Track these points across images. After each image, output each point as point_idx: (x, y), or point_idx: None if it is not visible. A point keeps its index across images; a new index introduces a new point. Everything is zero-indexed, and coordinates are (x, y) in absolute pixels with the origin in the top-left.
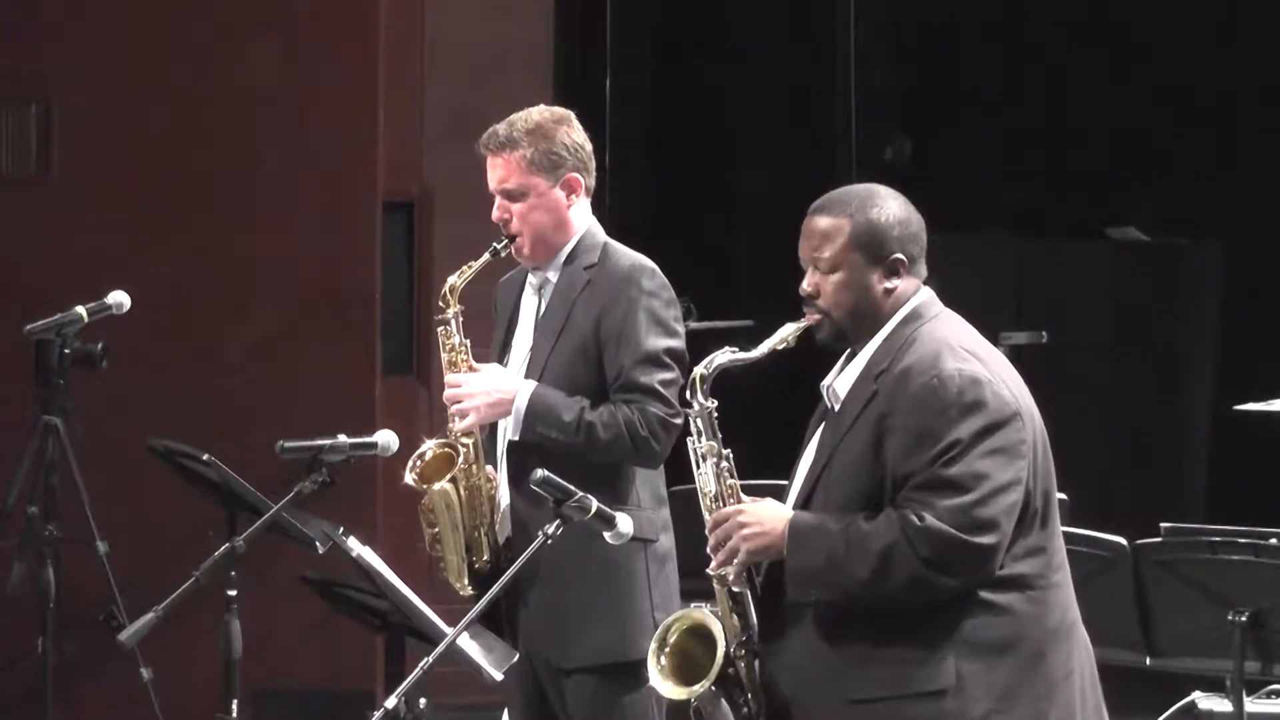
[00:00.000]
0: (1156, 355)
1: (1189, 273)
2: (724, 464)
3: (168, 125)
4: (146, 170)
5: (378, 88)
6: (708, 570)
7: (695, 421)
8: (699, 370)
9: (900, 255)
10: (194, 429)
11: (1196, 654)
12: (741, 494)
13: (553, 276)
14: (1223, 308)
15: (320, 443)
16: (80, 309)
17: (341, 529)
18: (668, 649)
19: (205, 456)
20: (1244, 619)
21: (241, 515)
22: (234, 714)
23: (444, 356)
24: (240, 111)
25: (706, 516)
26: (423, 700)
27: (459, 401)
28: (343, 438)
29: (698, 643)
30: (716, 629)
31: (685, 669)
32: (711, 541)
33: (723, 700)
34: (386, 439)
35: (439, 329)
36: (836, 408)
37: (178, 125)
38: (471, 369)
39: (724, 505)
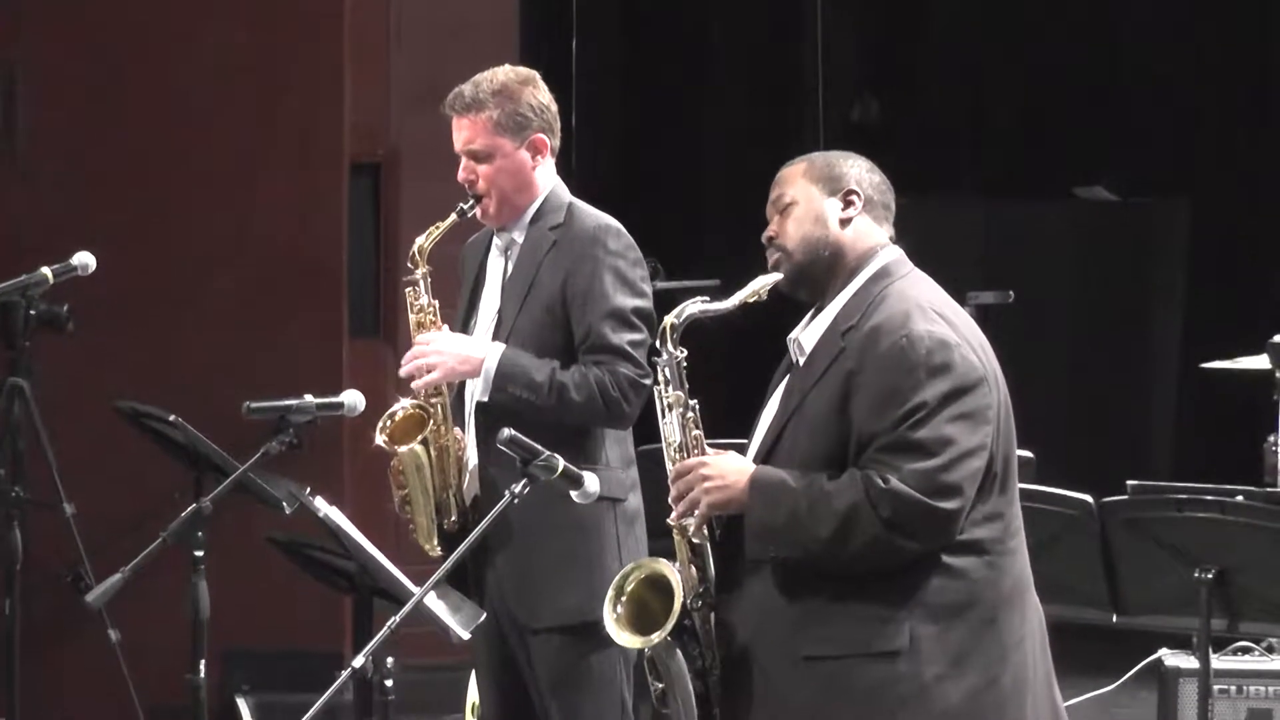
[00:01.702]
0: (1123, 314)
1: (1155, 232)
2: (690, 414)
3: (133, 89)
4: (112, 134)
5: (344, 49)
6: (668, 520)
7: (663, 370)
8: (669, 319)
9: (856, 189)
10: (161, 390)
11: (1163, 612)
12: (706, 446)
13: (518, 237)
14: (1189, 266)
15: (287, 403)
16: (45, 270)
17: (308, 489)
18: (625, 597)
19: (172, 418)
20: (1210, 576)
21: (208, 476)
22: (202, 675)
23: (412, 318)
24: (206, 74)
25: (670, 467)
26: (390, 660)
27: (425, 358)
28: (309, 398)
29: (655, 593)
30: (675, 580)
31: (641, 618)
32: (673, 492)
33: (678, 651)
34: (353, 399)
35: (407, 290)
36: (801, 361)
37: (143, 89)
38: (438, 330)
39: (688, 456)
